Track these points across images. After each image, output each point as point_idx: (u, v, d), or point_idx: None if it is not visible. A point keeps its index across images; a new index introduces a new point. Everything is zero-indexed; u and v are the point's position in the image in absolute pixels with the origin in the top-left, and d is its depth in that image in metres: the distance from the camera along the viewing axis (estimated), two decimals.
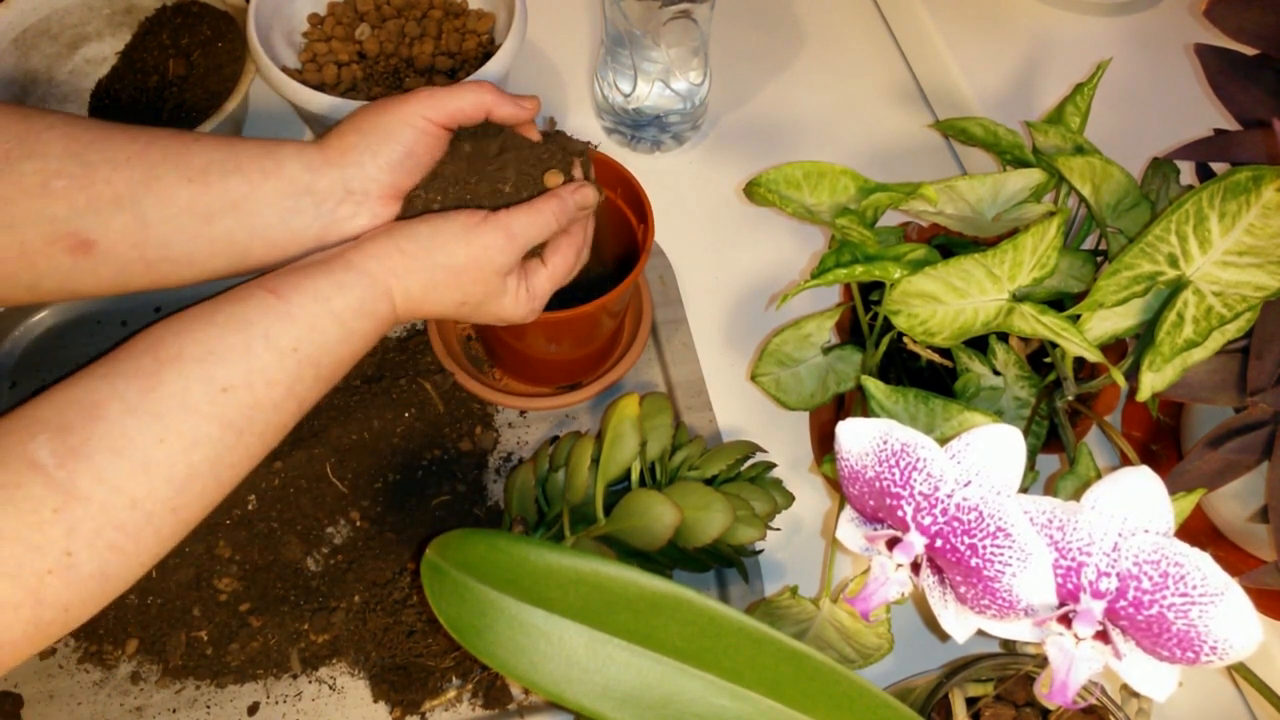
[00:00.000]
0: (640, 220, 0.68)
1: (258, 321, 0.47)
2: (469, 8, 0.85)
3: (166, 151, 0.51)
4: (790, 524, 0.69)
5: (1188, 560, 0.41)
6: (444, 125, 0.55)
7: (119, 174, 0.50)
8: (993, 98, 0.85)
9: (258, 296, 0.48)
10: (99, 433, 0.42)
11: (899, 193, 0.59)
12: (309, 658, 0.63)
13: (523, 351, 0.70)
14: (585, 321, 0.67)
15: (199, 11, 0.83)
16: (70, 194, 0.49)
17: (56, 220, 0.49)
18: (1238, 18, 0.58)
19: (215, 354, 0.45)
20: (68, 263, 0.50)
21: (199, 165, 0.51)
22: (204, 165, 0.51)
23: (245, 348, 0.46)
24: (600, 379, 0.72)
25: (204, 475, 0.44)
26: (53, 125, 0.50)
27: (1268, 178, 0.46)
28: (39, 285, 0.50)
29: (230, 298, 0.48)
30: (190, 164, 0.51)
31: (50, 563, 0.41)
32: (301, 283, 0.49)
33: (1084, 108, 0.63)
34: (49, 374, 0.73)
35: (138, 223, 0.50)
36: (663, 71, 0.80)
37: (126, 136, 0.51)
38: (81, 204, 0.49)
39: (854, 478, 0.49)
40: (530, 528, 0.63)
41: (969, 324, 0.54)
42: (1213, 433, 0.52)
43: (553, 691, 0.44)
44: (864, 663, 0.59)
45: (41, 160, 0.49)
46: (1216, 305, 0.50)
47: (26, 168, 0.48)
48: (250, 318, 0.47)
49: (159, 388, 0.44)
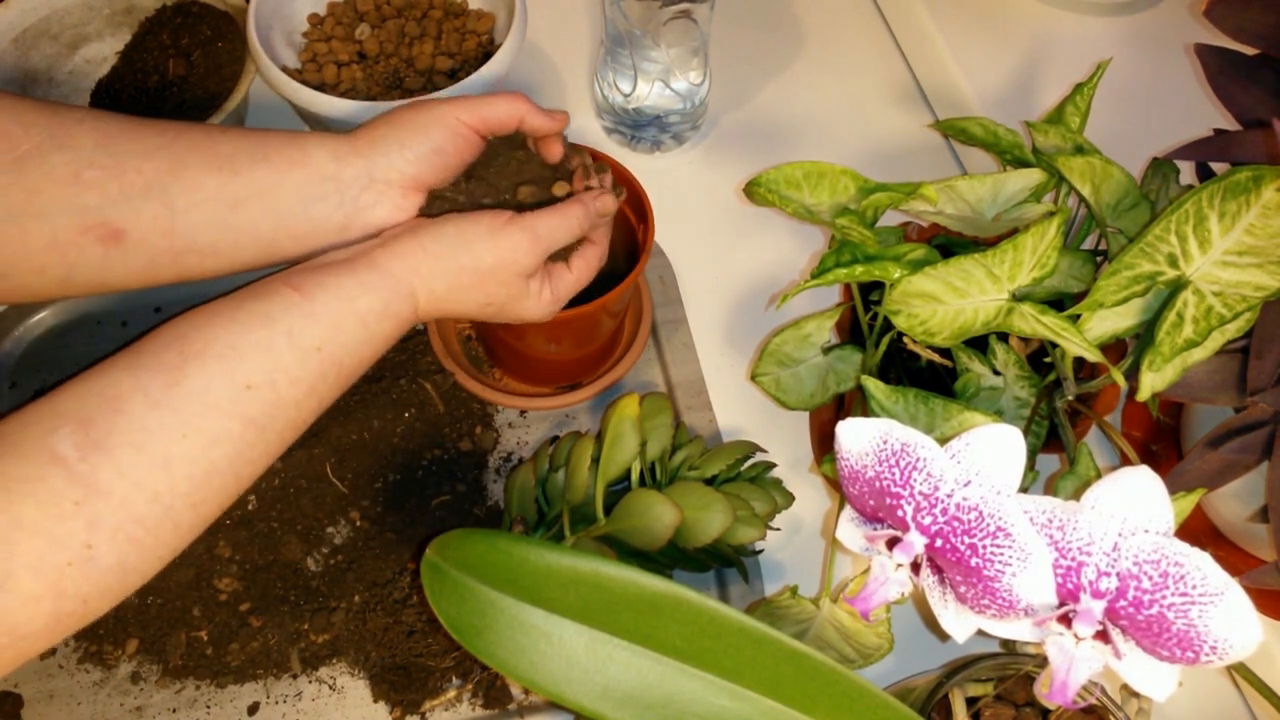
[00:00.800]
0: (640, 220, 0.68)
1: (281, 319, 0.47)
2: (469, 8, 0.85)
3: (193, 143, 0.51)
4: (790, 524, 0.69)
5: (1188, 560, 0.41)
6: (476, 130, 0.55)
7: (149, 163, 0.50)
8: (993, 98, 0.85)
9: (282, 293, 0.48)
10: (121, 426, 0.42)
11: (899, 193, 0.59)
12: (309, 658, 0.63)
13: (523, 351, 0.70)
14: (585, 321, 0.67)
15: (199, 11, 0.83)
16: (102, 183, 0.49)
17: (88, 210, 0.49)
18: (1238, 18, 0.58)
19: (238, 350, 0.45)
20: (99, 253, 0.50)
21: (226, 154, 0.51)
22: (230, 153, 0.51)
23: (269, 345, 0.46)
24: (600, 379, 0.72)
25: (223, 472, 0.45)
26: (82, 120, 0.50)
27: (1268, 178, 0.46)
28: (70, 278, 0.50)
29: (253, 292, 0.48)
30: (217, 153, 0.51)
31: (70, 555, 0.41)
32: (326, 280, 0.49)
33: (1084, 108, 0.63)
34: (49, 374, 0.73)
35: (167, 210, 0.50)
36: (663, 71, 0.80)
37: (154, 129, 0.51)
38: (114, 193, 0.49)
39: (854, 478, 0.49)
40: (530, 528, 0.63)
41: (969, 324, 0.54)
42: (1213, 433, 0.52)
43: (553, 691, 0.44)
44: (864, 663, 0.59)
45: (73, 151, 0.49)
46: (1216, 305, 0.50)
47: (57, 159, 0.48)
48: (274, 314, 0.47)
49: (182, 382, 0.44)
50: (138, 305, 0.76)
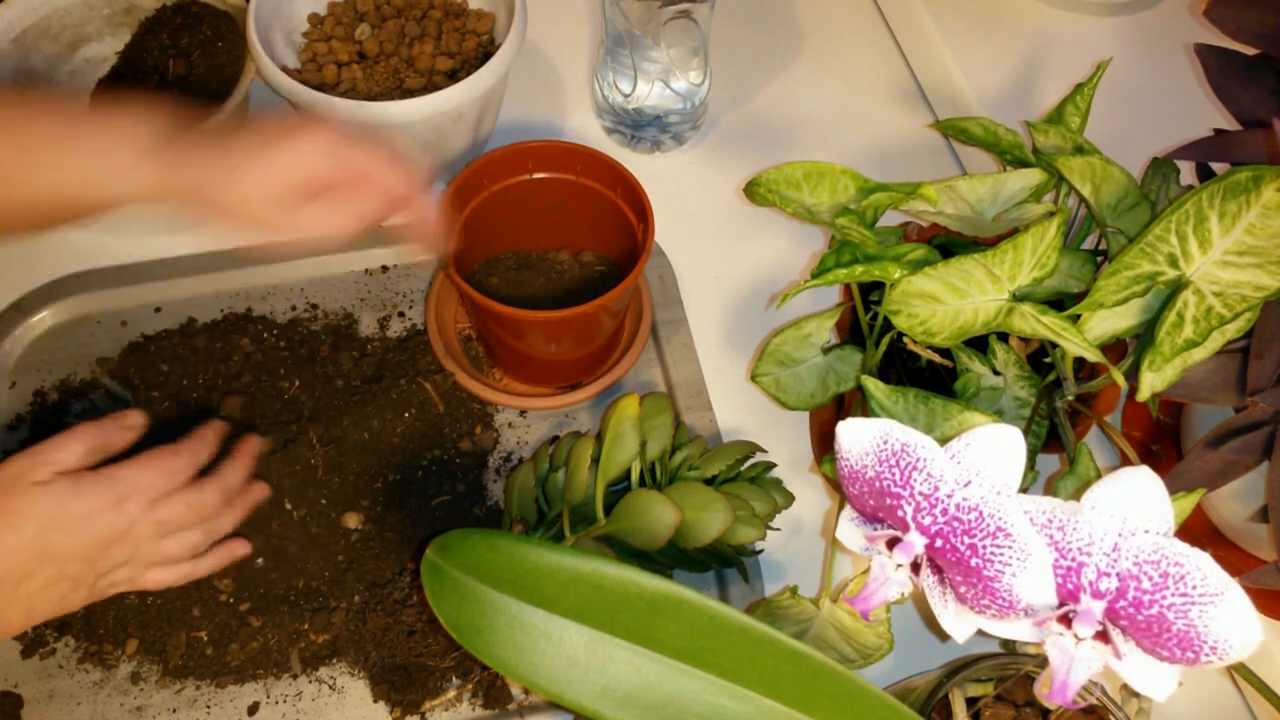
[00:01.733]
0: (640, 220, 0.68)
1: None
2: (469, 8, 0.85)
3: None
4: (790, 524, 0.69)
5: (1188, 560, 0.41)
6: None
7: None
8: (993, 98, 0.85)
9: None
10: None
11: (899, 193, 0.59)
12: (309, 658, 0.63)
13: (523, 351, 0.70)
14: (585, 321, 0.67)
15: (199, 11, 0.83)
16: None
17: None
18: (1238, 18, 0.58)
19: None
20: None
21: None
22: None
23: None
24: (600, 379, 0.72)
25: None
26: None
27: (1268, 178, 0.46)
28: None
29: None
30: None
31: None
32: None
33: (1084, 108, 0.63)
34: (49, 374, 0.73)
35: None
36: (663, 71, 0.80)
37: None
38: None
39: (854, 478, 0.49)
40: (530, 528, 0.63)
41: (969, 324, 0.54)
42: (1213, 433, 0.52)
43: (553, 691, 0.44)
44: (864, 663, 0.59)
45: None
46: (1216, 305, 0.50)
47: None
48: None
49: None
50: (138, 305, 0.76)
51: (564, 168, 0.71)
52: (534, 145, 0.70)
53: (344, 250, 0.78)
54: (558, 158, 0.71)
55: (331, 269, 0.78)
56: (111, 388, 0.72)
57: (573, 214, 0.73)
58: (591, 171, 0.70)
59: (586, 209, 0.72)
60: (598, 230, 0.73)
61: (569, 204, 0.72)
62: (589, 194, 0.71)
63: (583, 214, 0.73)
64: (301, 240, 0.59)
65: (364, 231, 0.58)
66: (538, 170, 0.71)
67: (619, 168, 0.69)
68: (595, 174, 0.71)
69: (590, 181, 0.71)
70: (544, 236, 0.75)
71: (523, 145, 0.70)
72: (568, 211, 0.73)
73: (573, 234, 0.75)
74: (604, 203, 0.71)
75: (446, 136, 0.76)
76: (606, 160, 0.69)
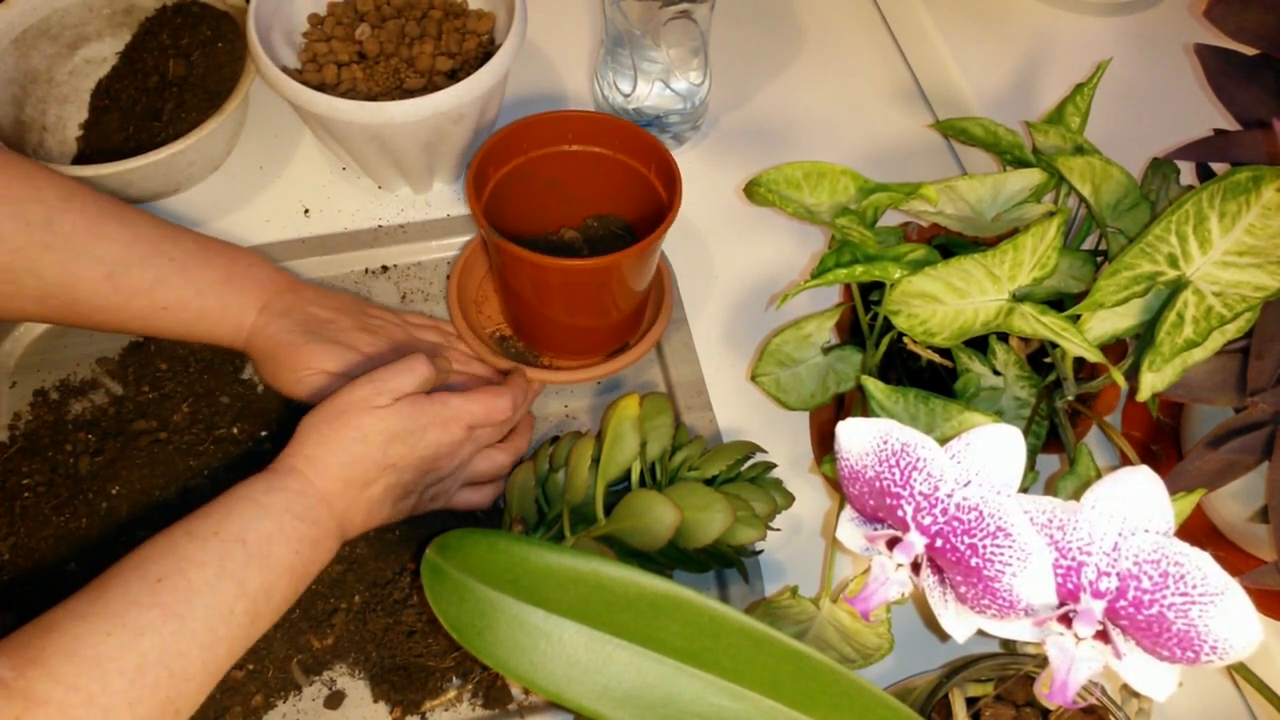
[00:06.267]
0: (667, 186, 0.69)
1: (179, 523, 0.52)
2: (469, 8, 0.85)
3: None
4: (790, 524, 0.69)
5: (1188, 560, 0.41)
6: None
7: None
8: (993, 98, 0.85)
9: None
10: (53, 641, 0.46)
11: (899, 193, 0.59)
12: (309, 659, 0.63)
13: (555, 319, 0.71)
14: (607, 275, 0.67)
15: (199, 11, 0.83)
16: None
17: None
18: (1238, 18, 0.58)
19: (144, 556, 0.50)
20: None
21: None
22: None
23: (170, 544, 0.51)
24: (645, 338, 0.73)
25: (154, 665, 0.47)
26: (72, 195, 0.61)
27: (1268, 178, 0.46)
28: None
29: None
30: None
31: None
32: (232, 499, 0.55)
33: (1084, 108, 0.63)
34: (49, 374, 0.73)
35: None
36: (663, 71, 0.80)
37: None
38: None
39: (854, 478, 0.49)
40: (530, 528, 0.63)
41: (969, 324, 0.54)
42: (1213, 433, 0.52)
43: (552, 691, 0.44)
44: (864, 663, 0.59)
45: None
46: (1216, 305, 0.50)
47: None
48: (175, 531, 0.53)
49: (104, 593, 0.48)
50: None
51: (586, 139, 0.72)
52: (560, 115, 0.71)
53: (344, 250, 0.79)
54: (581, 129, 0.71)
55: (332, 269, 0.78)
56: (112, 388, 0.72)
57: (578, 185, 0.74)
58: (609, 141, 0.71)
59: (602, 176, 0.73)
60: (621, 197, 0.74)
61: (577, 178, 0.73)
62: (604, 161, 0.72)
63: (595, 182, 0.73)
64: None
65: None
66: (564, 144, 0.72)
67: (650, 139, 0.69)
68: (627, 145, 0.71)
69: (604, 149, 0.72)
70: (551, 215, 0.76)
71: (550, 115, 0.71)
72: (571, 184, 0.74)
73: (576, 206, 0.76)
74: (632, 176, 0.72)
75: (446, 136, 0.76)
76: (637, 131, 0.70)
